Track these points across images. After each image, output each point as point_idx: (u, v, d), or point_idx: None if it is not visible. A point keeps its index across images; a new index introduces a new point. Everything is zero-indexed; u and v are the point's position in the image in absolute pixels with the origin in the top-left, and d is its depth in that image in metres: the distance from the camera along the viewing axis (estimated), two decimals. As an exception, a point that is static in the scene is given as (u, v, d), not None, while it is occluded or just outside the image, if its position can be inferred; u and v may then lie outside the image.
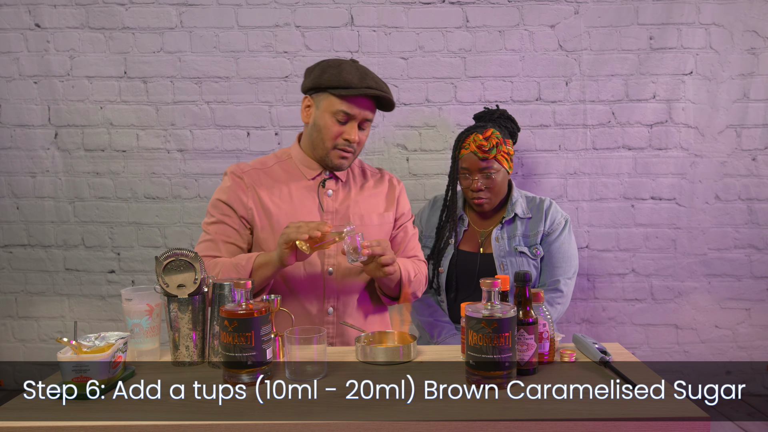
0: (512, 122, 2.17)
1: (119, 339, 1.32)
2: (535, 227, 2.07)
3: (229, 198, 1.68)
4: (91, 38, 2.57)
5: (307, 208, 1.69)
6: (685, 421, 1.13)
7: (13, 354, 2.73)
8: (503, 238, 2.06)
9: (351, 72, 1.61)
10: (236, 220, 1.68)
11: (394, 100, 1.67)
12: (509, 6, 2.54)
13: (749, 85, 2.54)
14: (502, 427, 1.12)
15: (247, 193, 1.68)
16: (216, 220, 1.68)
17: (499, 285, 1.29)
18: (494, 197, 2.07)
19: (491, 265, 2.05)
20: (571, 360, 1.43)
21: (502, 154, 2.03)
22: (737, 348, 2.65)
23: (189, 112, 2.59)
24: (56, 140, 2.62)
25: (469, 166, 2.03)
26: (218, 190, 1.72)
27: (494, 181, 2.03)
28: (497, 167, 2.03)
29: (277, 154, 1.80)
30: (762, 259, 2.61)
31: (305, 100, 1.69)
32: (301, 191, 1.71)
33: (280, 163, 1.76)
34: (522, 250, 2.05)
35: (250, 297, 1.33)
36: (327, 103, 1.63)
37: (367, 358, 1.45)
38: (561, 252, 2.06)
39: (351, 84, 1.59)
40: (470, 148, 2.02)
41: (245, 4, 2.54)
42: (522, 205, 2.10)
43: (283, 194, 1.69)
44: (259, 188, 1.69)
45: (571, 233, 2.11)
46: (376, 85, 1.62)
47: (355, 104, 1.61)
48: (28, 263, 2.67)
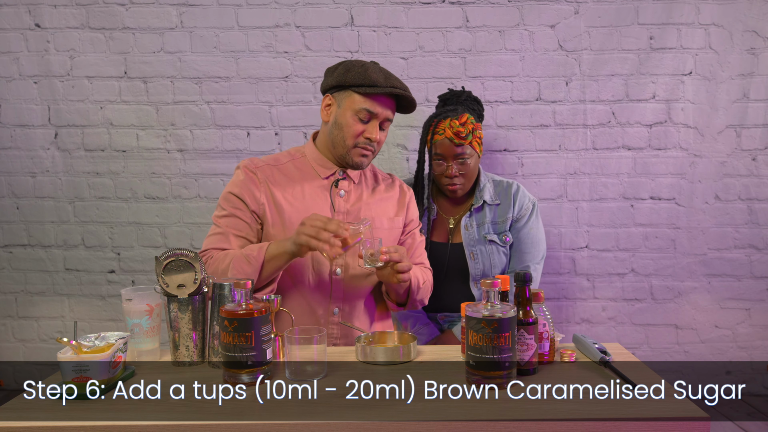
0: (479, 104, 2.14)
1: (119, 339, 1.32)
2: (504, 213, 2.05)
3: (241, 191, 1.67)
4: (92, 38, 2.57)
5: (318, 206, 1.69)
6: (685, 421, 1.13)
7: (13, 354, 2.73)
8: (472, 226, 2.04)
9: (376, 71, 1.63)
10: (248, 213, 1.67)
11: (415, 101, 1.68)
12: (509, 6, 2.54)
13: (749, 85, 2.54)
14: (502, 427, 1.12)
15: (260, 188, 1.68)
16: (227, 213, 1.67)
17: (499, 285, 1.30)
18: (467, 182, 2.05)
19: (461, 254, 2.04)
20: (571, 360, 1.43)
21: (476, 140, 2.00)
22: (737, 348, 2.65)
23: (189, 112, 2.59)
24: (56, 140, 2.62)
25: (444, 152, 1.99)
26: (230, 184, 1.71)
27: (468, 166, 2.00)
28: (471, 152, 2.00)
29: (290, 152, 1.80)
30: (762, 259, 2.61)
31: (326, 98, 1.69)
32: (314, 190, 1.71)
33: (294, 161, 1.76)
34: (491, 238, 2.03)
35: (250, 297, 1.33)
36: (350, 101, 1.63)
37: (367, 358, 1.45)
38: (529, 237, 2.05)
39: (376, 83, 1.60)
40: (445, 134, 1.98)
41: (245, 5, 2.54)
42: (490, 191, 2.07)
43: (296, 192, 1.69)
44: (272, 184, 1.69)
45: (538, 217, 2.09)
46: (401, 85, 1.64)
47: (378, 103, 1.62)
48: (28, 263, 2.67)
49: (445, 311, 2.11)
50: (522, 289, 1.36)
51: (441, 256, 2.06)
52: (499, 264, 2.04)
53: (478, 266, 2.02)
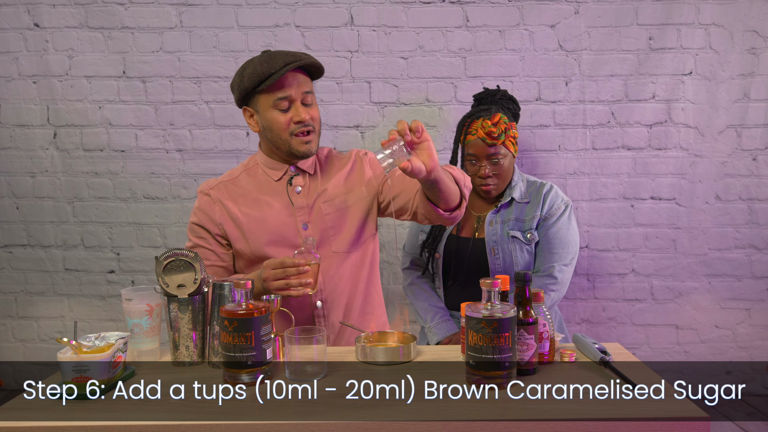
0: (514, 103, 2.12)
1: (119, 339, 1.32)
2: (532, 212, 2.01)
3: (200, 219, 1.69)
4: (90, 38, 2.57)
5: (275, 210, 1.67)
6: (685, 421, 1.13)
7: (13, 354, 2.73)
8: (497, 222, 2.01)
9: (262, 63, 1.58)
10: (212, 240, 1.69)
11: (319, 63, 1.64)
12: (509, 6, 2.54)
13: (749, 85, 2.54)
14: (502, 427, 1.12)
15: (214, 209, 1.68)
16: (193, 244, 1.70)
17: (499, 285, 1.29)
18: (501, 183, 2.02)
19: (483, 250, 2.01)
20: (571, 360, 1.43)
21: (509, 139, 1.98)
22: (737, 348, 2.65)
23: (188, 112, 2.59)
24: (55, 140, 2.61)
25: (477, 152, 1.98)
26: (192, 213, 1.73)
27: (502, 166, 1.99)
28: (504, 152, 1.98)
29: (245, 162, 1.79)
30: (762, 259, 2.61)
31: (244, 113, 1.68)
32: (269, 195, 1.69)
33: (247, 170, 1.74)
34: (514, 234, 1.99)
35: (251, 297, 1.33)
36: (262, 101, 1.61)
37: (367, 358, 1.44)
38: (558, 237, 1.99)
39: (270, 71, 1.56)
40: (478, 134, 1.96)
41: (245, 4, 2.54)
42: (521, 189, 2.04)
43: (250, 202, 1.68)
44: (226, 201, 1.68)
45: (571, 219, 2.04)
46: (293, 58, 1.59)
47: (285, 86, 1.59)
48: (27, 263, 2.67)
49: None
50: (522, 289, 1.36)
51: (465, 250, 2.04)
52: (522, 262, 2.00)
53: (498, 262, 2.00)
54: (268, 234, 1.65)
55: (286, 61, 1.57)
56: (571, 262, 2.02)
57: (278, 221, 1.66)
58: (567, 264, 2.00)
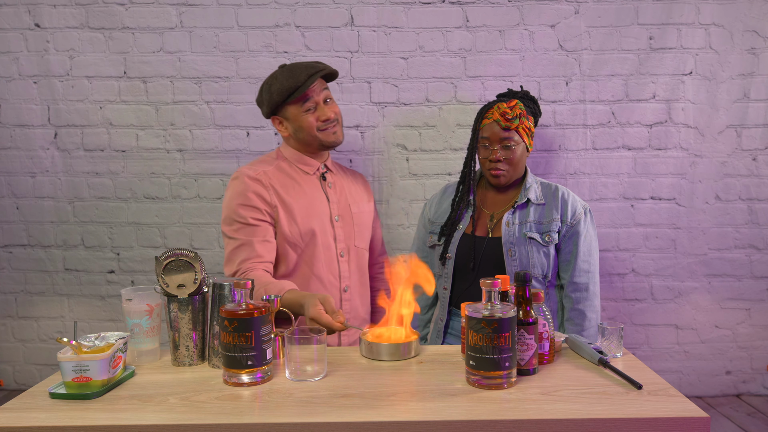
0: (535, 103, 2.11)
1: (119, 339, 1.32)
2: (550, 214, 1.99)
3: (252, 199, 1.82)
4: (91, 38, 2.57)
5: (318, 200, 1.90)
6: (685, 421, 1.13)
7: (13, 354, 2.73)
8: (514, 223, 1.98)
9: (287, 78, 1.84)
10: (266, 216, 1.83)
11: (334, 70, 1.93)
12: (509, 6, 2.54)
13: (749, 85, 2.54)
14: (502, 427, 1.12)
15: (269, 192, 1.84)
16: (244, 223, 1.80)
17: (499, 285, 1.30)
18: (512, 170, 2.00)
19: (498, 249, 1.98)
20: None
21: (523, 128, 1.97)
22: (737, 348, 2.65)
23: (189, 112, 2.59)
24: (56, 140, 2.62)
25: (490, 135, 1.98)
26: (237, 195, 1.83)
27: (514, 152, 1.97)
28: (518, 140, 1.97)
29: (272, 155, 1.97)
30: (762, 259, 2.61)
31: (274, 121, 1.93)
32: (310, 186, 1.91)
33: (283, 162, 1.94)
34: (532, 236, 1.96)
35: (250, 297, 1.33)
36: (291, 110, 1.87)
37: (371, 355, 1.45)
38: (587, 246, 1.98)
39: (295, 85, 1.83)
40: (493, 117, 1.96)
41: (245, 4, 2.54)
42: (536, 191, 2.02)
43: (297, 190, 1.89)
44: (277, 187, 1.86)
45: (593, 222, 2.02)
46: (314, 70, 1.85)
47: (310, 94, 1.86)
48: (27, 263, 2.67)
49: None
50: (522, 289, 1.36)
51: (478, 249, 2.02)
52: (538, 264, 1.96)
53: (514, 263, 1.98)
54: (314, 217, 1.87)
55: (309, 73, 1.84)
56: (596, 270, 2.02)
57: (319, 210, 1.89)
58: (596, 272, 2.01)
